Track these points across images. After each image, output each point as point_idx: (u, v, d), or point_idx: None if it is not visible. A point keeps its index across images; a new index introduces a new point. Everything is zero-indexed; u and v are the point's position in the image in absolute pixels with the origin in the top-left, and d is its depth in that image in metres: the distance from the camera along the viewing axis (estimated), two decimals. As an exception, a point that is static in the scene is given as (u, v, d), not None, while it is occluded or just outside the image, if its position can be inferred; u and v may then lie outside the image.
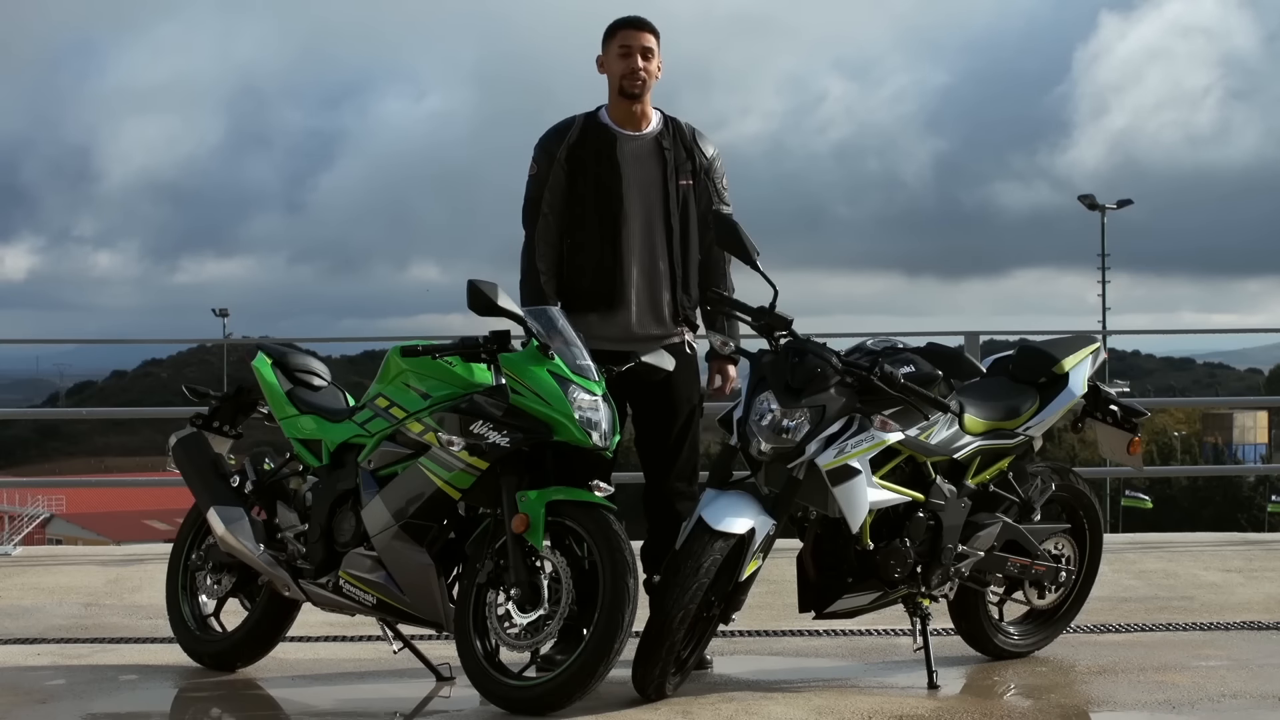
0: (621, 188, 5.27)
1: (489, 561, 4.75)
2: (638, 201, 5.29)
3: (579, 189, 5.30)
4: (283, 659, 5.62)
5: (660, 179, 5.30)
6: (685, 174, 5.32)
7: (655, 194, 5.30)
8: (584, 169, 5.29)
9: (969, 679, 5.30)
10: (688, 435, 5.39)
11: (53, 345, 49.98)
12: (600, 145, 5.30)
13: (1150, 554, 8.45)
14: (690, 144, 5.36)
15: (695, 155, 5.35)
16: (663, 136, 5.34)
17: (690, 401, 5.39)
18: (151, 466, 46.65)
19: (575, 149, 5.30)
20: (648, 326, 5.32)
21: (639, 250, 5.29)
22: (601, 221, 5.29)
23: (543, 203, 5.33)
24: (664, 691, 4.77)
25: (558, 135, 5.35)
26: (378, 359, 5.31)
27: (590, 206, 5.29)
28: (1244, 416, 66.38)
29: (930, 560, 5.06)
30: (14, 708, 4.93)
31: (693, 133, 5.38)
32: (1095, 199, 46.18)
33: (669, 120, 5.38)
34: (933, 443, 5.03)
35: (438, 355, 4.94)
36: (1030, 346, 5.59)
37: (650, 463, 5.41)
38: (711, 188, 5.37)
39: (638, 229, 5.29)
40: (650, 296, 5.32)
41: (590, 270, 5.30)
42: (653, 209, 5.30)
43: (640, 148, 5.32)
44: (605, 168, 5.28)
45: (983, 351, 9.05)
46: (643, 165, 5.30)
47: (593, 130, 5.33)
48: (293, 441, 5.41)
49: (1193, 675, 5.25)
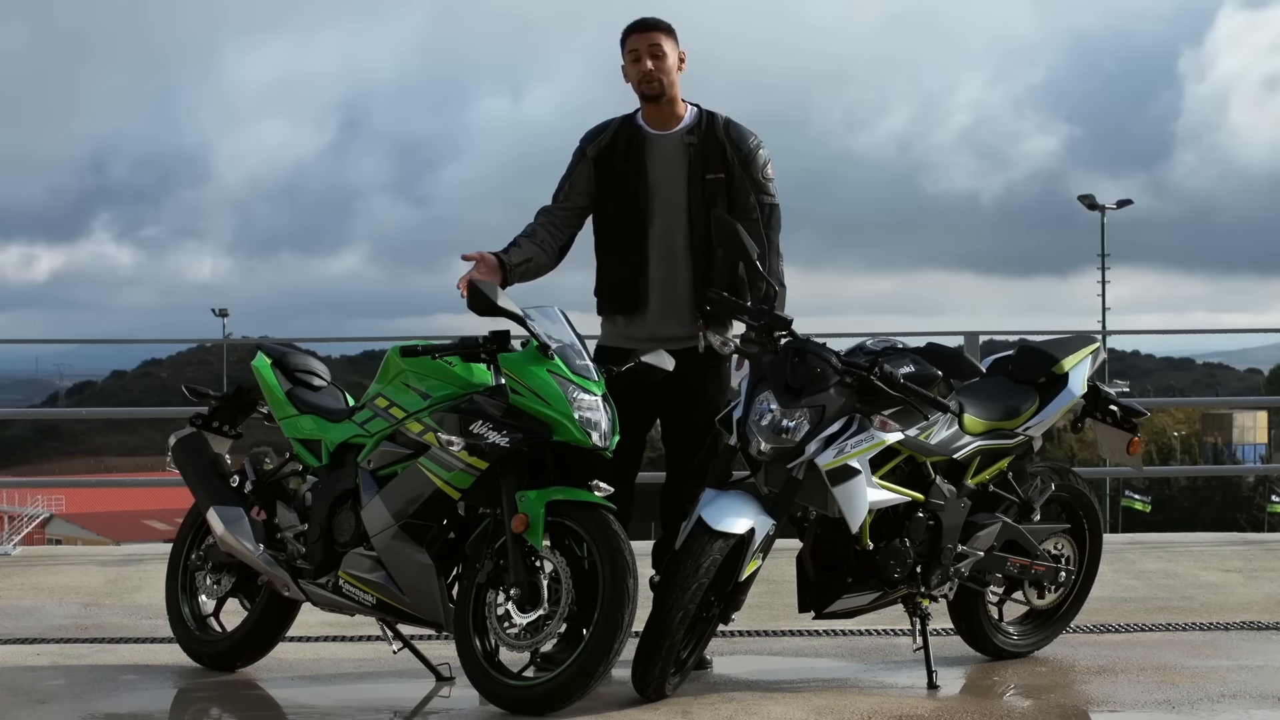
0: (647, 188, 5.29)
1: (489, 561, 4.75)
2: (662, 203, 5.30)
3: (605, 189, 5.35)
4: (282, 659, 5.62)
5: (684, 176, 5.30)
6: (714, 168, 5.30)
7: (678, 192, 5.30)
8: (611, 170, 5.33)
9: (969, 679, 5.30)
10: (705, 437, 5.35)
11: (53, 345, 49.92)
12: (629, 147, 5.33)
13: (1150, 554, 8.45)
14: (722, 136, 5.32)
15: (727, 147, 5.32)
16: (690, 132, 5.33)
17: (713, 404, 5.29)
18: (151, 466, 46.67)
19: (605, 150, 5.35)
20: (670, 327, 5.32)
21: (661, 251, 5.31)
22: (625, 222, 5.32)
23: (561, 191, 5.41)
24: (664, 691, 4.77)
25: (594, 135, 5.41)
26: (378, 359, 5.31)
27: (616, 207, 5.34)
28: (1244, 416, 66.38)
29: (930, 560, 5.06)
30: (14, 708, 4.93)
31: (727, 125, 5.35)
32: (1095, 199, 46.19)
33: (703, 114, 5.37)
34: (932, 443, 5.03)
35: (437, 355, 4.94)
36: (1030, 346, 5.59)
37: (672, 461, 5.45)
38: (749, 180, 5.32)
39: (660, 228, 5.30)
40: (671, 298, 5.32)
41: (614, 271, 5.36)
42: (675, 209, 5.30)
43: (668, 145, 5.32)
44: (631, 168, 5.31)
45: (983, 351, 9.06)
46: (668, 162, 5.31)
47: (624, 132, 5.36)
48: (292, 441, 5.41)
49: (1192, 675, 5.25)
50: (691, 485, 5.33)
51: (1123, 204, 47.87)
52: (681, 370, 5.13)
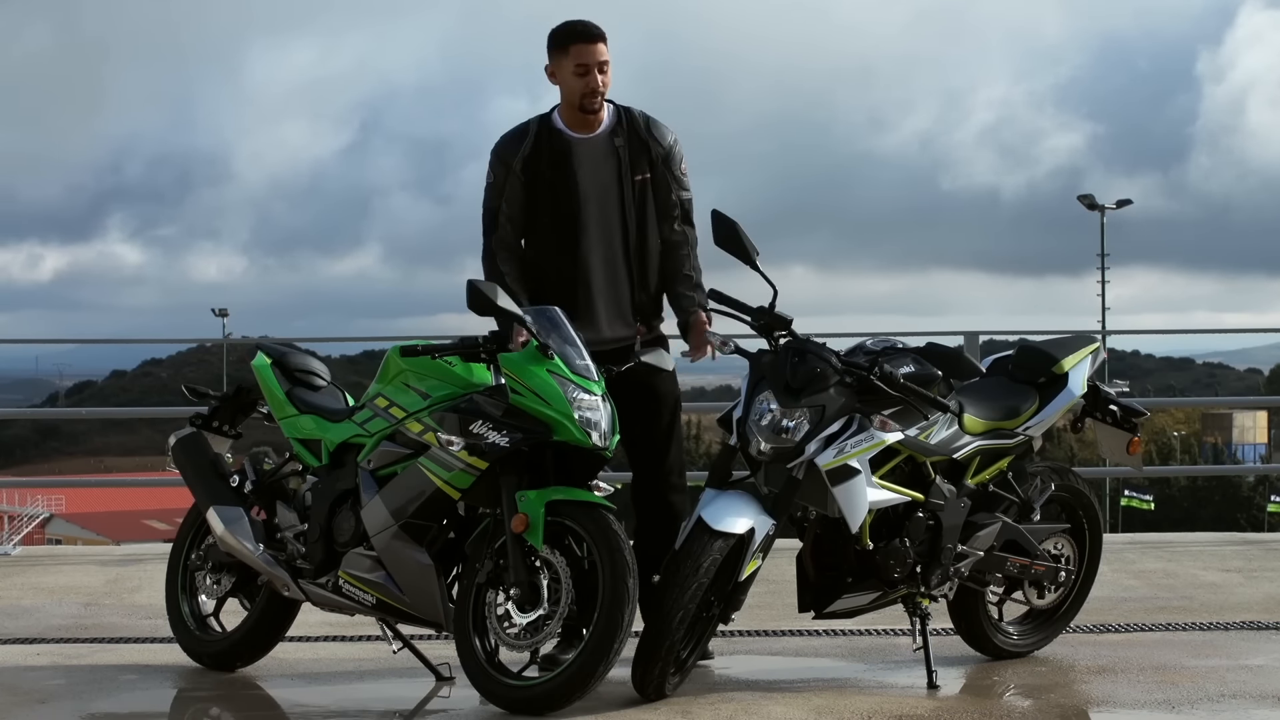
0: (578, 195, 5.21)
1: (489, 561, 4.75)
2: (595, 206, 5.23)
3: (536, 199, 5.25)
4: (282, 659, 5.62)
5: (615, 178, 5.23)
6: (642, 168, 5.25)
7: (611, 196, 5.23)
8: (540, 178, 5.23)
9: (969, 679, 5.30)
10: (674, 430, 5.37)
11: (52, 345, 49.86)
12: (554, 154, 5.22)
13: (1150, 554, 8.45)
14: (645, 135, 5.27)
15: (651, 146, 5.27)
16: (616, 134, 5.25)
17: (672, 395, 5.37)
18: (151, 466, 46.70)
19: (530, 159, 5.23)
20: (616, 329, 5.27)
21: (599, 255, 5.23)
22: (559, 231, 5.23)
23: (500, 213, 5.28)
24: (663, 691, 4.77)
25: (513, 143, 5.27)
26: (378, 359, 5.31)
27: (548, 216, 5.24)
28: (1243, 416, 66.39)
29: (930, 560, 5.06)
30: (14, 708, 4.93)
31: (646, 122, 5.29)
32: (1094, 199, 46.17)
33: (621, 113, 5.29)
34: (932, 443, 5.03)
35: (437, 355, 4.94)
36: (1030, 346, 5.59)
37: (640, 461, 5.39)
38: (670, 176, 5.29)
39: (596, 234, 5.23)
40: (615, 300, 5.26)
41: (551, 279, 5.25)
42: (609, 212, 5.23)
43: (594, 150, 5.24)
44: (560, 176, 5.21)
45: (982, 351, 9.06)
46: (597, 168, 5.23)
47: (546, 137, 5.24)
48: (292, 441, 5.41)
49: (1192, 675, 5.25)
50: (673, 476, 5.32)
51: (1122, 204, 47.84)
52: (630, 370, 5.11)
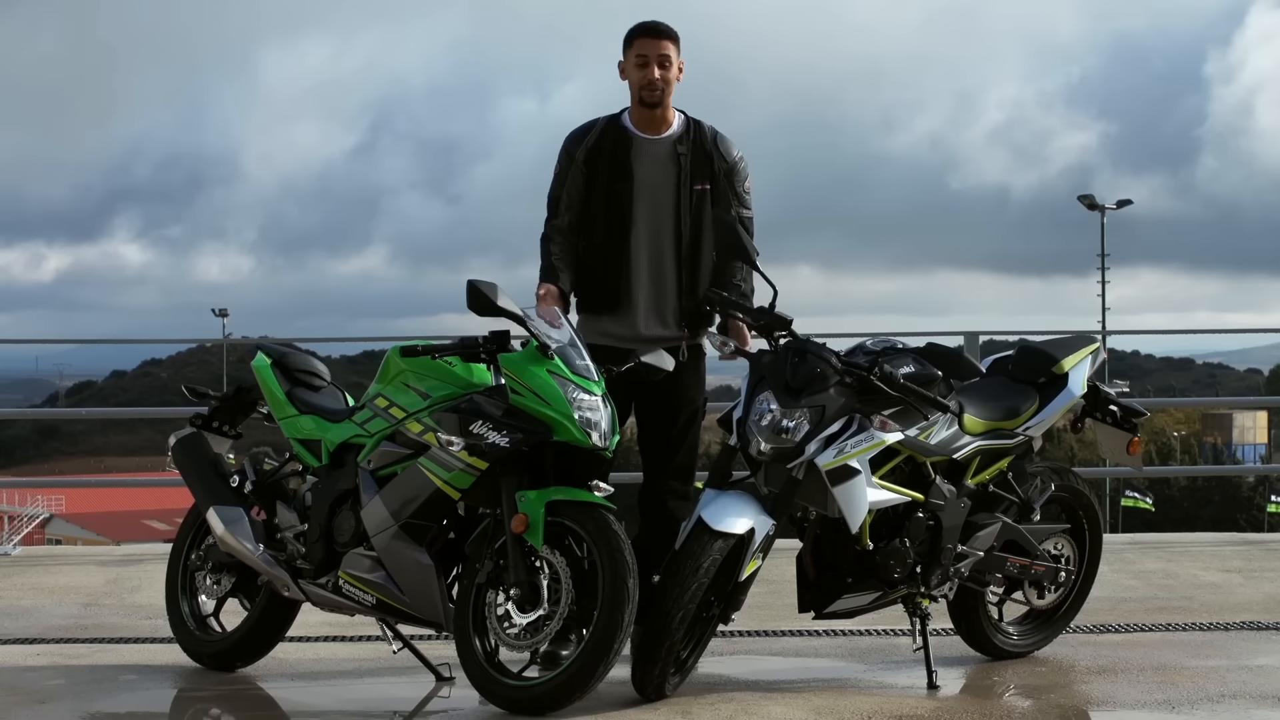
0: (632, 192, 5.29)
1: (489, 561, 4.75)
2: (647, 205, 5.30)
3: (593, 192, 5.33)
4: (282, 659, 5.62)
5: (674, 183, 5.30)
6: (702, 178, 5.32)
7: (667, 198, 5.30)
8: (599, 172, 5.32)
9: (969, 679, 5.30)
10: (687, 435, 5.39)
11: (53, 346, 49.95)
12: (616, 149, 5.32)
13: (1150, 554, 8.45)
14: (710, 148, 5.34)
15: (714, 159, 5.34)
16: (680, 141, 5.33)
17: (693, 403, 5.39)
18: (151, 466, 46.68)
19: (593, 152, 5.33)
20: (653, 328, 5.32)
21: (646, 254, 5.30)
22: (610, 225, 5.30)
23: (560, 201, 5.37)
24: (664, 691, 4.77)
25: (579, 137, 5.39)
26: (378, 359, 5.31)
27: (601, 210, 5.32)
28: (1243, 416, 66.36)
29: (930, 560, 5.06)
30: (14, 708, 4.93)
31: (714, 136, 5.37)
32: (1095, 199, 46.16)
33: (691, 123, 5.38)
34: (932, 443, 5.03)
35: (437, 355, 4.95)
36: (1030, 346, 5.59)
37: (650, 460, 5.42)
38: (731, 192, 5.35)
39: (645, 232, 5.30)
40: (656, 300, 5.32)
41: (598, 272, 5.33)
42: (663, 213, 5.30)
43: (657, 152, 5.32)
44: (618, 172, 5.30)
45: (982, 351, 9.06)
46: (658, 169, 5.31)
47: (611, 134, 5.35)
48: (292, 441, 5.41)
49: (1192, 675, 5.25)
50: (675, 482, 5.34)
51: (1123, 204, 47.82)
52: (649, 371, 5.12)
